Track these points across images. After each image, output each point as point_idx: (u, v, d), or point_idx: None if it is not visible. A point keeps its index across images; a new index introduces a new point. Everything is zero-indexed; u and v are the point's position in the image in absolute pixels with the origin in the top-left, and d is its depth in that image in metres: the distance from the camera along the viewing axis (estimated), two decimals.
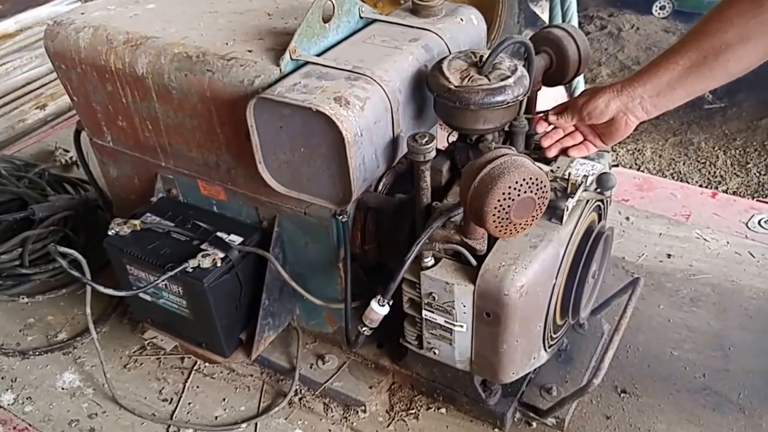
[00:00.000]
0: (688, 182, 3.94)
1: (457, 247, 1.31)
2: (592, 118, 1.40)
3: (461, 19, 1.57)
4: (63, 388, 1.69)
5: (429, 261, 1.33)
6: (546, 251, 1.29)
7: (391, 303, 1.36)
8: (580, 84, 2.94)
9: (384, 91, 1.34)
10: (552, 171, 1.40)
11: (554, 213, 1.32)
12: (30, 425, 1.60)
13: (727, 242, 2.00)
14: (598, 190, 1.39)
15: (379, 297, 1.35)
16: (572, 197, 1.32)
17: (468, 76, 1.33)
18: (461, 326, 1.35)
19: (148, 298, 1.59)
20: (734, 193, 3.73)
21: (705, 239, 2.02)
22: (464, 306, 1.32)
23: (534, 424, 1.55)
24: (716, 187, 3.88)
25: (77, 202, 2.03)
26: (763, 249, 1.98)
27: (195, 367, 1.71)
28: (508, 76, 1.33)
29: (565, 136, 1.48)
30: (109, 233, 1.55)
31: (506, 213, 1.17)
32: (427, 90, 1.38)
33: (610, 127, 1.41)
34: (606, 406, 1.58)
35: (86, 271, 1.48)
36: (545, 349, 1.45)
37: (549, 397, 1.56)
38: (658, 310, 1.81)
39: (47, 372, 1.73)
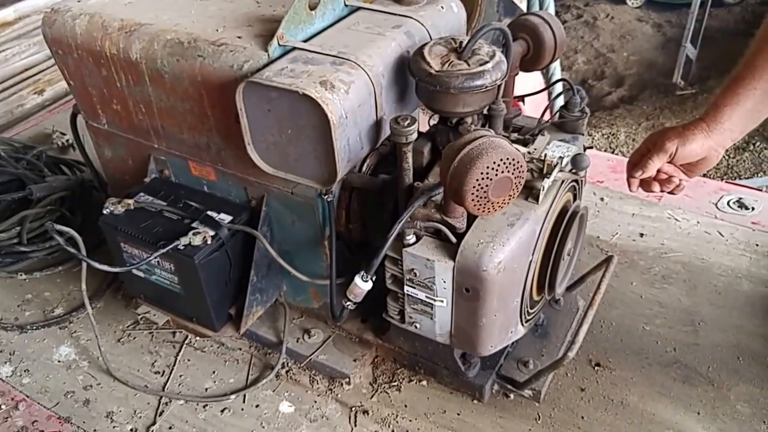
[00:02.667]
0: None
1: (437, 225, 1.31)
2: (684, 160, 1.39)
3: (442, 7, 1.56)
4: (59, 361, 1.69)
5: (411, 238, 1.33)
6: (523, 229, 1.30)
7: (374, 279, 1.36)
8: (556, 70, 2.94)
9: (368, 75, 1.34)
10: (529, 152, 1.40)
11: (531, 192, 1.33)
12: (27, 396, 1.59)
13: (698, 222, 2.02)
14: (573, 170, 1.39)
15: (362, 273, 1.35)
16: (548, 177, 1.33)
17: (448, 62, 1.32)
18: (441, 301, 1.36)
19: (141, 274, 1.59)
20: (704, 176, 3.74)
21: (676, 219, 2.03)
22: (444, 282, 1.32)
23: (511, 395, 1.56)
24: None
25: (73, 183, 2.02)
26: (732, 228, 1.99)
27: (186, 341, 1.72)
28: (487, 62, 1.32)
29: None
30: (104, 212, 1.55)
31: (484, 192, 1.18)
32: (409, 74, 1.38)
33: (699, 164, 1.41)
34: (581, 379, 1.60)
35: (82, 248, 1.48)
36: (522, 324, 1.46)
37: (526, 369, 1.57)
38: (630, 287, 1.82)
39: (44, 345, 1.73)
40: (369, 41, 1.41)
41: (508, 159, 1.17)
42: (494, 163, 1.16)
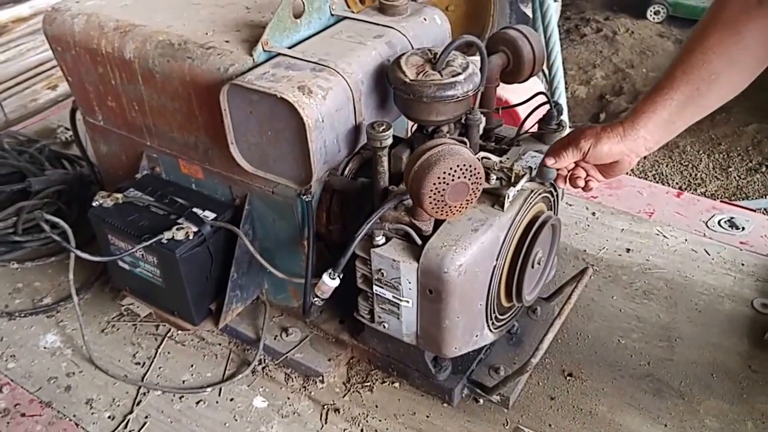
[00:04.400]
0: (668, 183, 4.03)
1: (405, 228, 1.43)
2: (597, 161, 1.43)
3: (425, 19, 1.70)
4: (45, 348, 1.83)
5: (380, 239, 1.45)
6: (486, 235, 1.41)
7: (341, 276, 1.49)
8: (560, 82, 3.07)
9: (346, 82, 1.48)
10: (500, 161, 1.52)
11: (497, 200, 1.45)
12: (12, 380, 1.74)
13: (686, 240, 2.12)
14: (539, 181, 1.51)
15: (330, 271, 1.48)
16: (514, 186, 1.45)
17: (423, 72, 1.46)
18: (407, 301, 1.48)
19: (126, 267, 1.73)
20: (712, 196, 3.82)
21: (665, 236, 2.13)
22: (410, 282, 1.44)
23: (481, 401, 1.66)
24: (695, 189, 3.96)
25: (71, 177, 2.18)
26: (719, 247, 2.08)
27: (168, 334, 1.85)
28: (459, 73, 1.46)
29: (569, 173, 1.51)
30: (94, 204, 1.70)
31: (441, 196, 1.30)
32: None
33: (613, 167, 1.45)
34: (551, 388, 1.70)
35: (71, 238, 1.63)
36: (490, 329, 1.57)
37: (496, 376, 1.67)
38: (611, 301, 1.93)
39: (31, 333, 1.88)
40: (350, 50, 1.55)
41: (464, 165, 1.30)
42: (451, 168, 1.29)
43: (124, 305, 1.90)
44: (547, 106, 1.72)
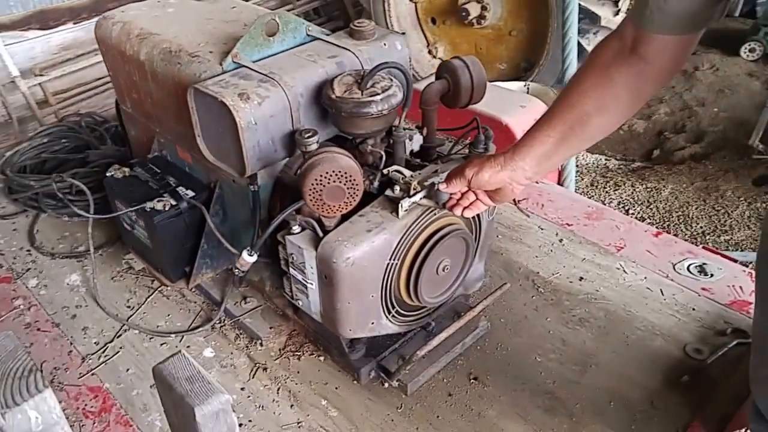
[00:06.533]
0: (692, 227, 3.83)
1: (311, 221, 1.71)
2: (479, 188, 1.57)
3: (384, 44, 1.94)
4: (67, 284, 2.31)
5: (296, 229, 1.73)
6: (378, 236, 1.64)
7: (258, 254, 1.79)
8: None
9: (285, 92, 1.76)
10: (411, 176, 1.74)
11: (395, 207, 1.69)
12: (39, 303, 2.22)
13: (645, 278, 2.17)
14: (434, 200, 1.71)
15: (248, 248, 1.79)
16: (409, 198, 1.67)
17: (349, 90, 1.72)
18: (311, 284, 1.74)
19: (128, 228, 2.16)
20: (736, 245, 3.59)
21: (624, 271, 2.20)
22: (312, 268, 1.70)
23: (386, 384, 1.89)
24: (719, 237, 3.73)
25: (120, 153, 2.65)
26: (677, 290, 2.13)
27: (159, 288, 2.25)
28: (378, 93, 1.70)
29: (461, 196, 1.65)
30: (107, 175, 2.14)
31: (319, 195, 1.57)
32: None
33: (498, 193, 1.56)
34: (453, 386, 1.88)
35: (90, 200, 2.10)
36: (389, 320, 1.80)
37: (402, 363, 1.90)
38: (544, 322, 2.05)
39: (63, 271, 2.36)
40: (300, 66, 1.84)
41: (339, 171, 1.56)
42: (326, 173, 1.55)
43: (125, 259, 2.33)
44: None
